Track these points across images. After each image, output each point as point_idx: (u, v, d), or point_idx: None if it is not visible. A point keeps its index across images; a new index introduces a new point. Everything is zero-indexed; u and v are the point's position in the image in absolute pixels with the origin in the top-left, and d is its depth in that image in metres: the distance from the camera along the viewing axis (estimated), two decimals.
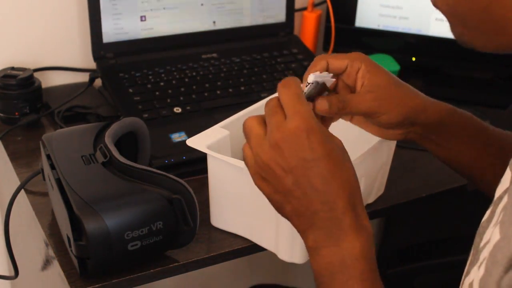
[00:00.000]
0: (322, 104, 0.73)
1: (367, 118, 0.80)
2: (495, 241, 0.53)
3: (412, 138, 0.82)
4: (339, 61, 0.76)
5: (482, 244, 0.57)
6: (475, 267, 0.56)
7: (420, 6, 1.28)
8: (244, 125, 0.68)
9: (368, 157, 0.83)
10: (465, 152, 0.83)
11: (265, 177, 0.65)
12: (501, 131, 0.85)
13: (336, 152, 0.64)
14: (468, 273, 0.58)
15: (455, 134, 0.82)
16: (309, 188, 0.63)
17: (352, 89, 0.78)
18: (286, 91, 0.65)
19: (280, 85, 0.66)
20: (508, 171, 0.59)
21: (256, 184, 0.67)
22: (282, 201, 0.65)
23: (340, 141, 0.66)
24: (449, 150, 0.83)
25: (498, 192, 0.59)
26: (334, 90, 0.79)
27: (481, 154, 0.83)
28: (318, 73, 0.73)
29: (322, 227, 0.64)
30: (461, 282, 0.59)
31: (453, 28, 0.63)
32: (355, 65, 0.76)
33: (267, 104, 0.67)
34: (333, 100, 0.74)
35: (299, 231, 0.66)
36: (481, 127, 0.84)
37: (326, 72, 0.75)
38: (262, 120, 0.67)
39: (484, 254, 0.54)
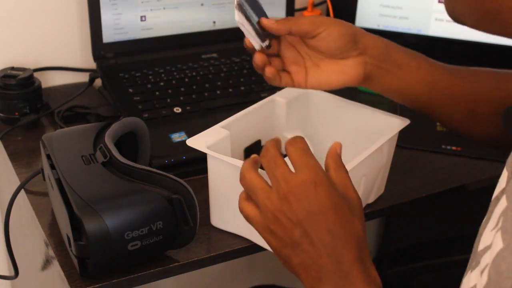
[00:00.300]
0: (269, 20, 0.80)
1: (311, 40, 0.82)
2: (498, 249, 0.52)
3: (371, 71, 0.84)
4: (301, 27, 0.81)
5: (481, 247, 0.57)
6: (476, 271, 0.55)
7: (420, 6, 1.28)
8: (244, 179, 0.66)
9: (368, 157, 0.83)
10: (417, 84, 0.86)
11: (273, 230, 0.65)
12: (453, 66, 0.89)
13: (342, 205, 0.64)
14: (467, 274, 0.58)
15: (405, 62, 0.85)
16: (316, 241, 0.63)
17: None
18: (293, 146, 0.65)
19: (287, 143, 0.66)
20: (504, 171, 0.59)
21: (264, 237, 0.66)
22: (290, 254, 0.65)
23: (352, 192, 0.66)
24: (402, 80, 0.85)
25: (495, 192, 0.59)
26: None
27: (449, 102, 0.87)
28: None
29: (331, 281, 0.63)
30: (462, 282, 0.59)
31: (446, 7, 0.64)
32: (320, 28, 0.80)
33: (264, 156, 0.66)
34: (278, 20, 0.79)
35: (307, 286, 0.65)
36: (430, 61, 0.87)
37: None
38: (261, 173, 0.67)
39: (486, 260, 0.54)
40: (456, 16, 0.62)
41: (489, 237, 0.55)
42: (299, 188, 0.62)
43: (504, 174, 0.59)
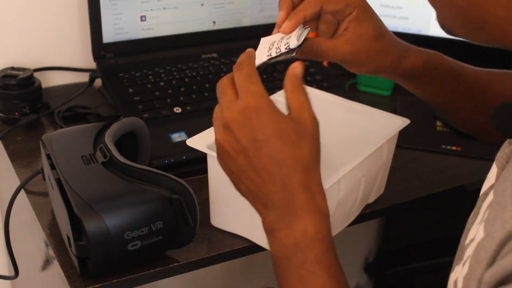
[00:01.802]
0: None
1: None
2: (479, 239, 0.53)
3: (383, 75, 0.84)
4: (334, 5, 0.77)
5: (467, 241, 0.57)
6: (460, 265, 0.56)
7: (420, 6, 1.28)
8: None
9: (368, 157, 0.83)
10: (438, 94, 0.86)
11: (221, 157, 0.65)
12: (473, 69, 0.88)
13: (287, 130, 0.62)
14: (453, 269, 0.58)
15: (426, 81, 0.85)
16: (260, 168, 0.62)
17: (335, 28, 0.79)
18: (239, 72, 0.65)
19: (234, 67, 0.66)
20: (494, 166, 0.59)
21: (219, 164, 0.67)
22: (237, 181, 0.65)
23: (307, 114, 0.64)
24: (422, 90, 0.86)
25: (484, 188, 0.60)
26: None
27: (452, 97, 0.86)
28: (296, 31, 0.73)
29: (275, 209, 0.63)
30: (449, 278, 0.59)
31: (437, 17, 0.64)
32: (347, 10, 0.77)
33: (218, 84, 0.66)
34: (307, 45, 0.75)
35: (257, 212, 0.65)
36: (453, 73, 0.86)
37: (300, 27, 0.75)
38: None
39: (469, 252, 0.54)
40: (447, 28, 0.63)
41: (474, 231, 0.56)
42: (240, 115, 0.62)
43: (493, 170, 0.59)
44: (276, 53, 0.72)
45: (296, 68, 0.66)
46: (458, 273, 0.55)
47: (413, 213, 1.52)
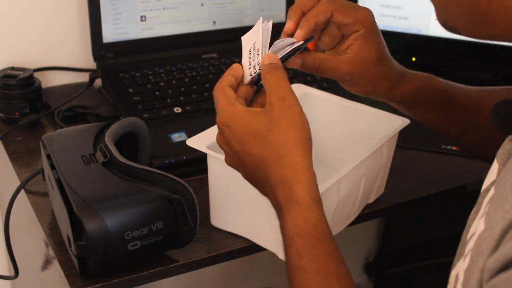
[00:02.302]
0: (295, 61, 0.75)
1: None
2: (479, 232, 0.53)
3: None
4: (344, 18, 0.75)
5: (468, 237, 0.57)
6: (461, 260, 0.56)
7: (420, 6, 1.28)
8: None
9: (368, 157, 0.83)
10: (430, 117, 0.87)
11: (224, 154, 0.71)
12: (465, 89, 0.87)
13: (257, 130, 0.65)
14: (453, 266, 0.58)
15: (418, 105, 0.85)
16: (250, 173, 0.68)
17: (337, 42, 0.78)
18: (216, 86, 0.70)
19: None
20: (495, 163, 0.59)
21: None
22: (238, 169, 0.70)
23: (282, 93, 0.66)
24: (413, 113, 0.87)
25: (485, 184, 0.59)
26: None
27: (444, 117, 0.86)
28: (290, 43, 0.72)
29: (273, 206, 0.67)
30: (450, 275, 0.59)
31: (437, 15, 0.63)
32: (355, 27, 0.76)
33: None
34: (309, 59, 0.76)
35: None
36: (446, 96, 0.85)
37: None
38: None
39: (470, 246, 0.54)
40: (448, 23, 0.62)
41: (475, 226, 0.56)
42: (220, 131, 0.69)
43: (495, 166, 0.59)
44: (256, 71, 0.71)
45: (271, 56, 0.69)
46: (459, 268, 0.55)
47: (413, 213, 1.52)
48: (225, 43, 1.24)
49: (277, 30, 0.73)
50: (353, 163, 0.81)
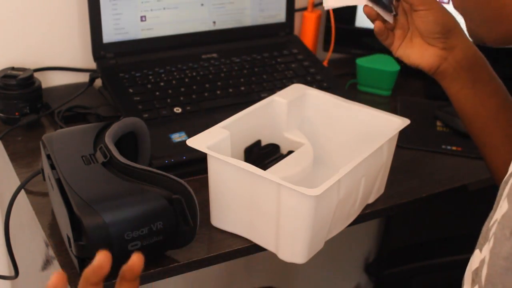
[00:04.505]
0: None
1: (413, 13, 0.86)
2: (504, 212, 0.53)
3: (446, 69, 0.87)
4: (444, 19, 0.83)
5: (491, 223, 0.57)
6: (485, 246, 0.56)
7: None
8: None
9: (368, 157, 0.83)
10: (478, 110, 0.87)
11: None
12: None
13: None
14: (472, 259, 0.58)
15: (481, 80, 0.87)
16: None
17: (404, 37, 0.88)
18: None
19: None
20: None
21: None
22: None
23: None
24: (468, 97, 0.87)
25: (506, 177, 0.59)
26: None
27: (491, 120, 0.88)
28: None
29: None
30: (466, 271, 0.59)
31: (467, 28, 0.65)
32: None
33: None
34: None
35: None
36: (507, 96, 0.89)
37: None
38: None
39: (493, 230, 0.54)
40: (476, 35, 0.64)
41: (498, 213, 0.55)
42: None
43: None
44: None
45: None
46: (485, 253, 0.55)
47: (413, 213, 1.52)
48: (225, 43, 1.24)
49: (277, 30, 0.73)
50: (353, 163, 0.81)
